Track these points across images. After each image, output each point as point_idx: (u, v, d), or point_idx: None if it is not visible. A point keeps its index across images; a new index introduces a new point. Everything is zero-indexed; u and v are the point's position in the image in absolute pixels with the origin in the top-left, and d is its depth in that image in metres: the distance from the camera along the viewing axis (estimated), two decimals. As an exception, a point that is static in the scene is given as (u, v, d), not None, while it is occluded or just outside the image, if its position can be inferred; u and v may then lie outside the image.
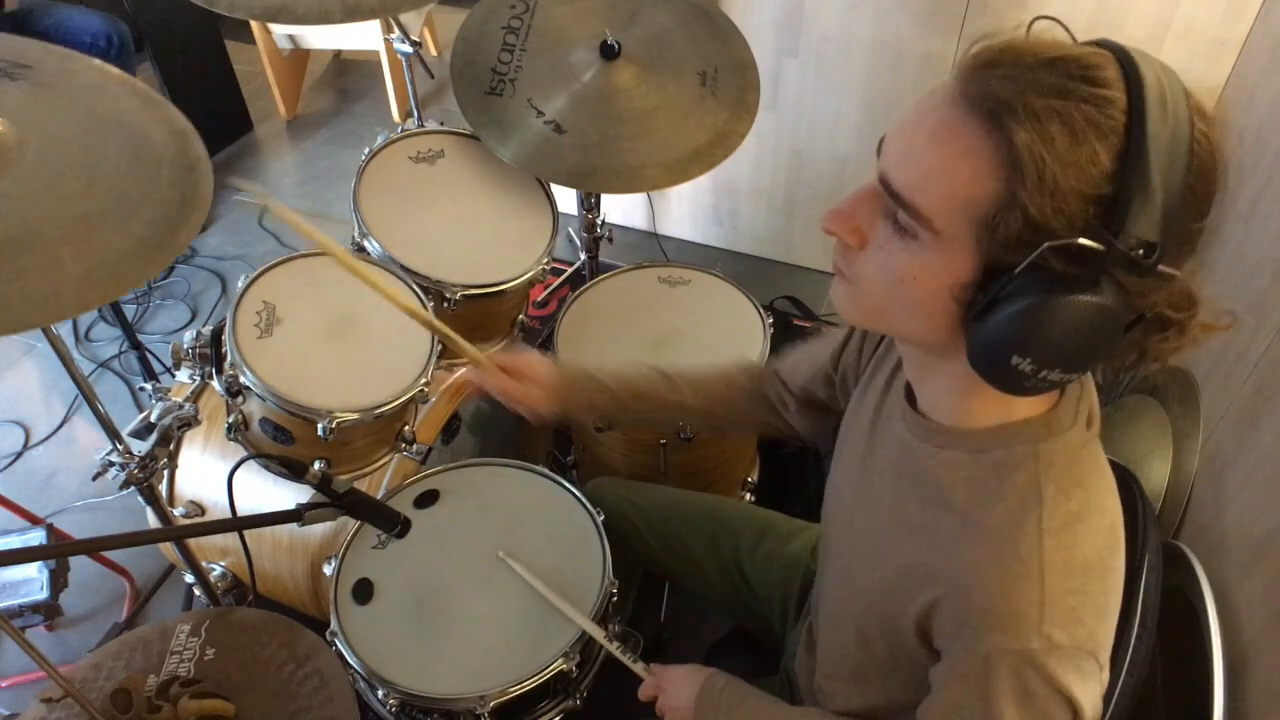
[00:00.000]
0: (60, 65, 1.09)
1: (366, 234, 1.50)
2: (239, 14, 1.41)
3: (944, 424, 0.78)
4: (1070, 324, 0.60)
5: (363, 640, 1.18)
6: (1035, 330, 0.61)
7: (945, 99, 0.64)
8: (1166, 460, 1.48)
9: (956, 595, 0.72)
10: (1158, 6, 1.88)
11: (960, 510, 0.74)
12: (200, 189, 0.98)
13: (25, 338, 2.53)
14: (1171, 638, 1.15)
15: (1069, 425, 0.73)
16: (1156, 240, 0.58)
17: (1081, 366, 0.64)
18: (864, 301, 0.73)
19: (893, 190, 0.66)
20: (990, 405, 0.74)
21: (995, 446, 0.74)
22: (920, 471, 0.79)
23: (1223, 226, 1.69)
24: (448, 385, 1.61)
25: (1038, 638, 0.67)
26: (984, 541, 0.72)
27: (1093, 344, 0.62)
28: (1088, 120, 0.58)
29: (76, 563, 1.82)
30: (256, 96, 3.41)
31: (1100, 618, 0.70)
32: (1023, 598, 0.68)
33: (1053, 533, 0.69)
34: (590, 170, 1.53)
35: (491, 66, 1.59)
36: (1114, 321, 0.61)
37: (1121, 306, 0.61)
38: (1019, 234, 0.60)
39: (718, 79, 1.63)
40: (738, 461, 1.77)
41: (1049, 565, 0.68)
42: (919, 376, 0.80)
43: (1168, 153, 0.58)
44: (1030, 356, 0.62)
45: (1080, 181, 0.58)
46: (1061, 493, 0.70)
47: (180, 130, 1.04)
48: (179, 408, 1.26)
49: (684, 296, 1.70)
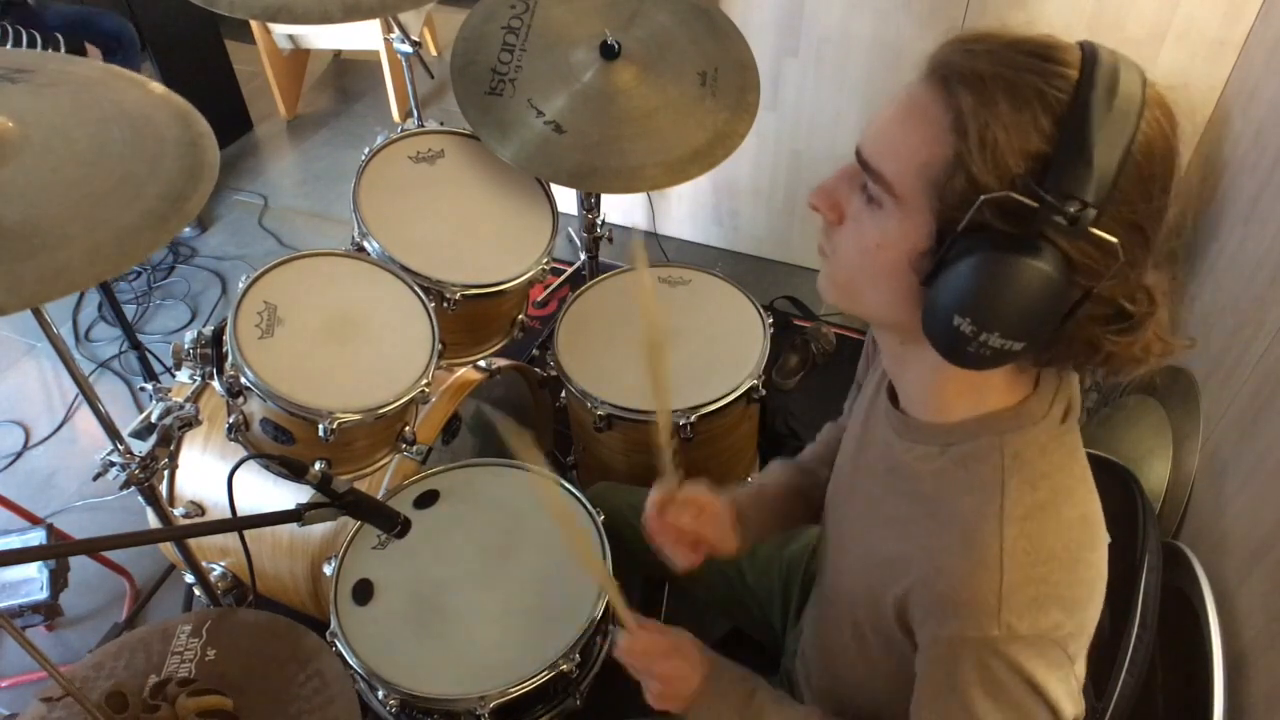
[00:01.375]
0: (60, 68, 1.12)
1: (366, 234, 1.50)
2: (239, 14, 1.41)
3: (919, 419, 0.79)
4: (1008, 283, 0.61)
5: (363, 641, 1.19)
6: (974, 288, 0.62)
7: (916, 76, 0.68)
8: (1166, 460, 1.48)
9: (922, 584, 0.74)
10: (1158, 6, 1.88)
11: (930, 501, 0.76)
12: (206, 161, 1.03)
13: (25, 338, 2.53)
14: (1171, 638, 1.15)
15: (1040, 417, 0.74)
16: (1089, 200, 0.59)
17: (1022, 334, 0.63)
18: (837, 276, 0.76)
19: (863, 159, 0.70)
20: (960, 397, 0.75)
21: (964, 439, 0.75)
22: (897, 466, 0.81)
23: (1223, 226, 1.69)
24: (448, 385, 1.61)
25: (998, 625, 0.68)
26: (948, 531, 0.73)
27: (1032, 309, 0.62)
28: (1033, 89, 0.60)
29: (76, 563, 1.82)
30: (256, 96, 3.41)
31: (1069, 609, 0.70)
32: (982, 585, 0.69)
33: (1014, 521, 0.70)
34: (590, 170, 1.53)
35: (491, 66, 1.59)
36: (1053, 287, 0.62)
37: (1061, 274, 0.61)
38: (963, 193, 0.62)
39: (718, 79, 1.63)
40: (738, 461, 1.77)
41: (1009, 553, 0.69)
42: (896, 371, 0.82)
43: (1110, 122, 0.59)
44: (970, 316, 0.63)
45: (1019, 140, 0.60)
46: (1026, 483, 0.71)
47: (182, 112, 1.08)
48: (179, 408, 1.26)
49: (684, 296, 1.70)
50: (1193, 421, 1.48)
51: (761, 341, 1.60)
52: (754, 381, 1.54)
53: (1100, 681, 1.06)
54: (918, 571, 0.74)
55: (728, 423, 1.58)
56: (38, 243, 0.89)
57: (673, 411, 1.49)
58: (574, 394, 1.57)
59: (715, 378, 1.54)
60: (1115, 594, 1.12)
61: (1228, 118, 1.88)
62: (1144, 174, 0.61)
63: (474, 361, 1.66)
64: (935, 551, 0.73)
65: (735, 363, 1.56)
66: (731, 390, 1.52)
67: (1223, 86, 1.92)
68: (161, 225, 0.95)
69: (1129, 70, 0.62)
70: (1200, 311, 1.70)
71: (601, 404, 1.52)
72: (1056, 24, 0.66)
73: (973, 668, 0.70)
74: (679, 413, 1.50)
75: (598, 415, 1.53)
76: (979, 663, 0.69)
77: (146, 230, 0.94)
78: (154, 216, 0.95)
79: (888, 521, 0.81)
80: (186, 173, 1.01)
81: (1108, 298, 0.65)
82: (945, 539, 0.73)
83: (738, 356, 1.58)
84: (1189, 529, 1.39)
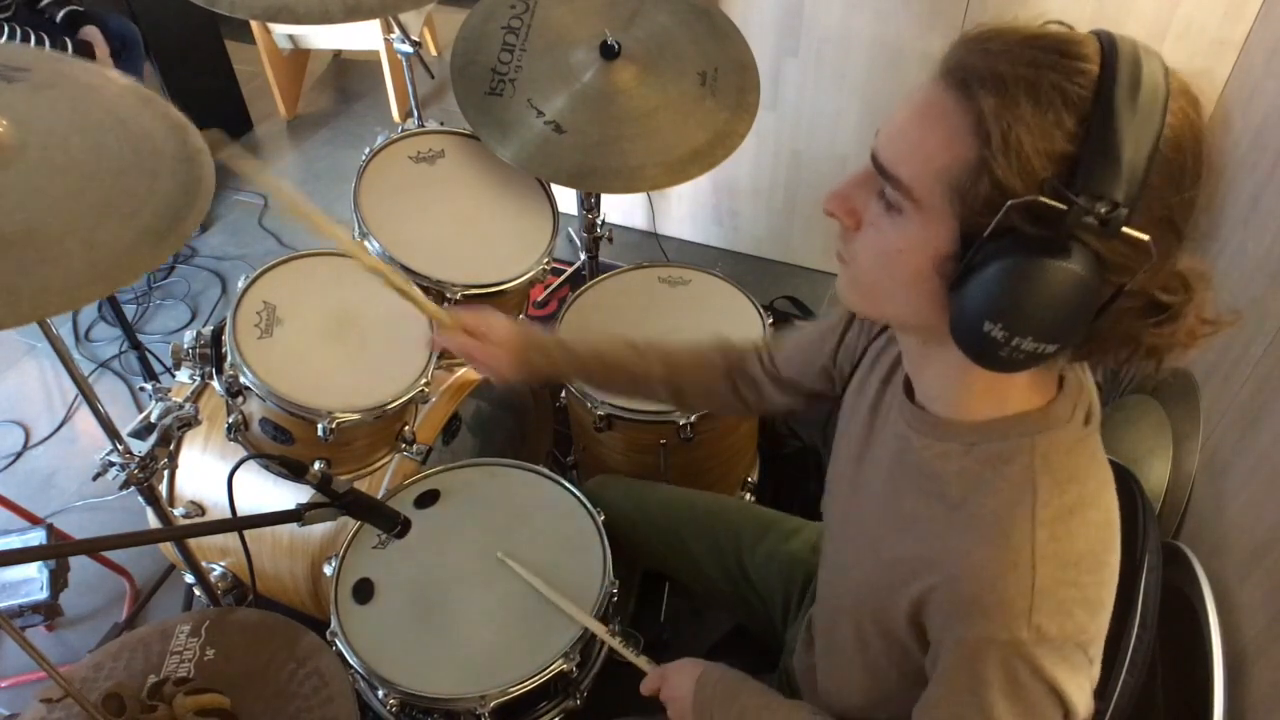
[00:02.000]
0: (55, 67, 1.11)
1: (367, 234, 1.50)
2: (240, 14, 1.40)
3: (941, 416, 0.78)
4: (1039, 287, 0.60)
5: (363, 640, 1.19)
6: (1005, 294, 0.61)
7: (930, 78, 0.66)
8: (1166, 460, 1.48)
9: (947, 585, 0.72)
10: (1158, 6, 1.88)
11: (953, 501, 0.75)
12: (202, 179, 1.02)
13: (26, 338, 2.53)
14: (1171, 638, 1.15)
15: (1065, 419, 0.73)
16: (1120, 200, 0.58)
17: (1056, 336, 0.62)
18: (859, 283, 0.75)
19: (879, 164, 0.68)
20: (985, 396, 0.74)
21: (991, 439, 0.74)
22: (916, 464, 0.79)
23: (1223, 226, 1.69)
24: (448, 385, 1.61)
25: (1027, 628, 0.67)
26: (975, 531, 0.72)
27: (1065, 311, 0.61)
28: (1054, 87, 0.59)
29: (76, 563, 1.82)
30: (256, 96, 3.41)
31: (1092, 612, 0.70)
32: (1013, 587, 0.68)
33: (1046, 524, 0.69)
34: (590, 170, 1.53)
35: (491, 66, 1.59)
36: (1085, 288, 0.61)
37: (1093, 274, 0.60)
38: (988, 198, 0.61)
39: (718, 79, 1.63)
40: (738, 461, 1.77)
41: (1041, 556, 0.68)
42: (917, 368, 0.81)
43: (1136, 118, 0.58)
44: (1001, 322, 0.62)
45: (1044, 142, 0.59)
46: (1056, 485, 0.70)
47: (178, 124, 1.07)
48: (179, 408, 1.26)
49: (684, 296, 1.70)
50: (1193, 421, 1.48)
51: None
52: (754, 381, 1.54)
53: (1100, 681, 1.06)
54: (940, 573, 0.73)
55: (728, 423, 1.58)
56: (35, 256, 0.88)
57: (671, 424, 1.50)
58: (574, 394, 1.57)
59: (715, 378, 1.54)
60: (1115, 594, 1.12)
61: (1228, 118, 1.88)
62: (1174, 167, 0.60)
63: (474, 361, 1.66)
64: (961, 552, 0.72)
65: (735, 363, 1.57)
66: (731, 390, 1.52)
67: (1223, 86, 1.92)
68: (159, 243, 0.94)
69: (1150, 60, 0.60)
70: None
71: (601, 404, 1.52)
72: (1056, 24, 0.66)
73: (997, 669, 0.69)
74: (680, 412, 1.50)
75: (598, 415, 1.53)
76: (1003, 665, 0.69)
77: (144, 246, 0.93)
78: (152, 233, 0.94)
79: (903, 521, 0.80)
80: (182, 190, 0.99)
81: (1141, 291, 0.64)
82: (971, 539, 0.72)
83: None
84: (1189, 529, 1.39)
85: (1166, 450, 1.49)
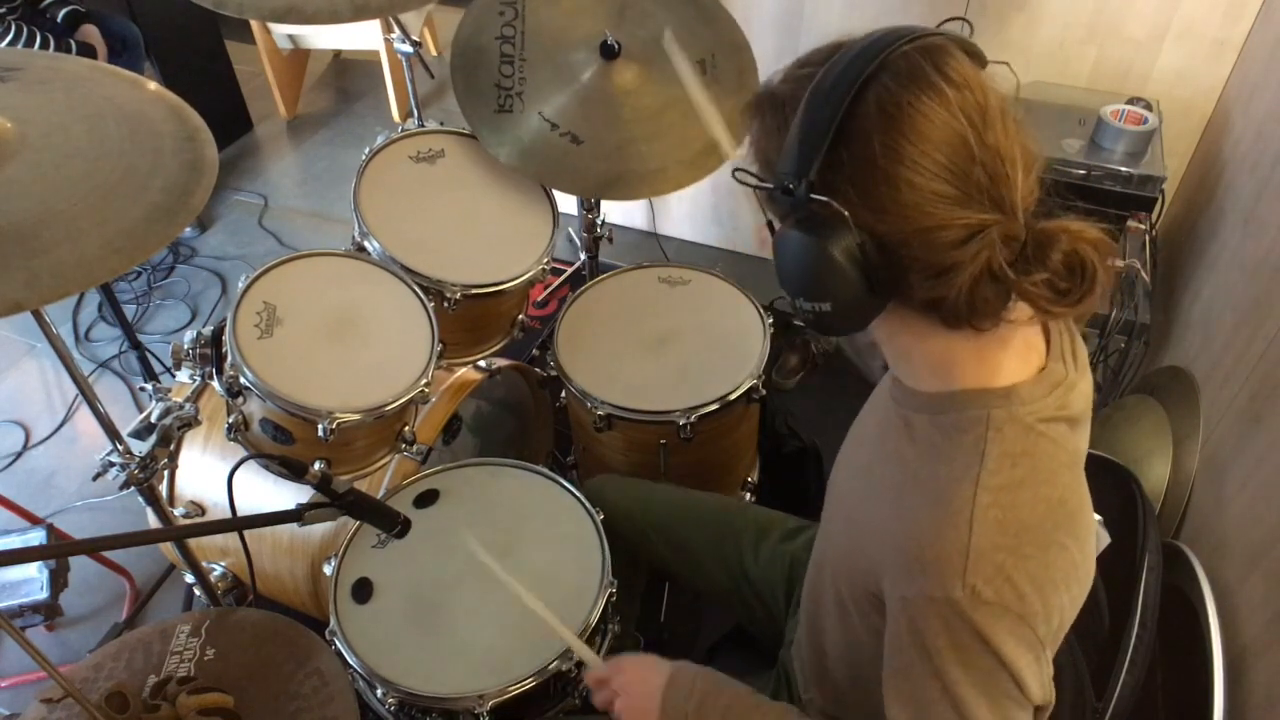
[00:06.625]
0: (48, 64, 1.14)
1: (367, 234, 1.50)
2: (248, 15, 1.39)
3: (909, 386, 0.81)
4: (782, 254, 0.72)
5: (362, 640, 1.19)
6: (778, 268, 0.74)
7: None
8: (1166, 460, 1.48)
9: (894, 545, 0.75)
10: (1158, 6, 1.88)
11: (912, 469, 0.77)
12: (205, 155, 1.05)
13: (25, 337, 2.53)
14: (1171, 638, 1.15)
15: (1031, 400, 0.74)
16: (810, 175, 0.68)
17: (819, 295, 0.71)
18: None
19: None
20: (924, 365, 0.78)
21: (951, 410, 0.76)
22: (888, 432, 0.83)
23: (1223, 226, 1.69)
24: (448, 385, 1.61)
25: (961, 587, 0.68)
26: (924, 495, 0.74)
27: (814, 270, 0.70)
28: (782, 97, 0.73)
29: (76, 563, 1.82)
30: (256, 96, 3.41)
31: (1038, 587, 0.70)
32: (948, 544, 0.69)
33: (989, 490, 0.70)
34: (615, 178, 1.52)
35: (495, 82, 1.58)
36: (818, 247, 0.68)
37: (818, 232, 0.69)
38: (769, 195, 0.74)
39: (716, 65, 1.62)
40: (738, 461, 1.77)
41: (979, 519, 0.69)
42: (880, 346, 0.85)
43: (814, 109, 0.68)
44: (786, 290, 0.74)
45: (767, 143, 0.74)
46: (1007, 457, 0.72)
47: (174, 106, 1.10)
48: (179, 408, 1.26)
49: (684, 296, 1.70)
50: (1193, 421, 1.48)
51: (761, 341, 1.60)
52: (754, 381, 1.54)
53: (1100, 681, 1.06)
54: (890, 534, 0.75)
55: (728, 423, 1.58)
56: (51, 238, 0.92)
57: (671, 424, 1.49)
58: (574, 394, 1.57)
59: (715, 378, 1.54)
60: (1115, 594, 1.12)
61: (1228, 118, 1.88)
62: (862, 146, 0.67)
63: (474, 361, 1.66)
64: (907, 513, 0.75)
65: (735, 363, 1.57)
66: (731, 390, 1.52)
67: (1223, 86, 1.92)
68: (170, 219, 0.98)
69: (861, 57, 0.70)
70: (1200, 311, 1.70)
71: (601, 404, 1.52)
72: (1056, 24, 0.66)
73: (941, 630, 0.70)
74: (680, 412, 1.50)
75: (598, 415, 1.53)
76: (945, 625, 0.69)
77: (156, 223, 0.97)
78: (161, 210, 0.98)
79: (874, 488, 0.83)
80: (187, 167, 1.03)
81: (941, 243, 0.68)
82: (918, 501, 0.74)
83: (738, 356, 1.58)
84: (1189, 529, 1.39)
85: (1166, 450, 1.49)
